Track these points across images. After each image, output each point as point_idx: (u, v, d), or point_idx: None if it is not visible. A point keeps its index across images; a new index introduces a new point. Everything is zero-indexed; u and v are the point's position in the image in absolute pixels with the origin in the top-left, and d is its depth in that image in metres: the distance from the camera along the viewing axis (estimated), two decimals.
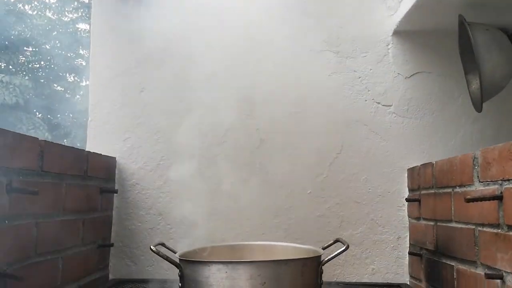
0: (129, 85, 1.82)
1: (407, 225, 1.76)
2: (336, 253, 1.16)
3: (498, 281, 1.04)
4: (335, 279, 1.75)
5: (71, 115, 9.59)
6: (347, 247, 1.17)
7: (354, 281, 1.74)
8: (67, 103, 9.48)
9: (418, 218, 1.64)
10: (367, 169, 1.79)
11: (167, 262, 1.15)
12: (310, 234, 1.75)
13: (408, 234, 1.75)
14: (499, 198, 1.04)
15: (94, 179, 1.54)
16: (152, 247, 1.15)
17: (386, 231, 1.77)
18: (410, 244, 1.74)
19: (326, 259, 1.16)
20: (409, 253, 1.69)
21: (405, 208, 1.77)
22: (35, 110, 9.16)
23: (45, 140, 1.20)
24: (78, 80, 10.03)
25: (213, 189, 1.76)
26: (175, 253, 1.24)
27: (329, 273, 1.75)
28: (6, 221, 1.03)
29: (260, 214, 1.77)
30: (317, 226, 1.77)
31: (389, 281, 1.74)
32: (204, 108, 1.79)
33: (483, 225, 1.13)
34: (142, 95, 1.82)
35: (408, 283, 1.72)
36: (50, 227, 1.24)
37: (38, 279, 1.17)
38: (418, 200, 1.62)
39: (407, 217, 1.77)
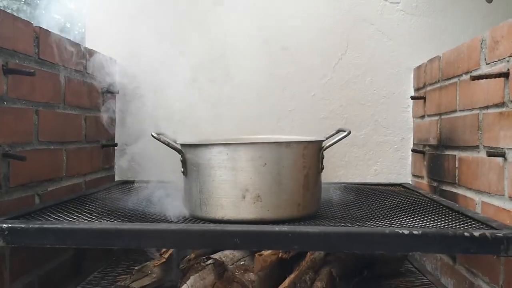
0: None
1: (411, 126, 1.75)
2: (337, 138, 1.15)
3: (500, 159, 1.03)
4: (338, 179, 1.77)
5: None
6: (349, 133, 1.15)
7: (356, 181, 1.76)
8: (67, 35, 9.29)
9: (422, 117, 1.62)
10: (373, 70, 1.76)
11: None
12: (313, 136, 1.75)
13: (411, 135, 1.75)
14: (505, 75, 1.01)
15: (94, 78, 1.52)
16: (153, 133, 1.15)
17: (390, 132, 1.77)
18: (413, 144, 1.73)
19: (328, 144, 1.15)
20: (412, 151, 1.69)
21: (410, 109, 1.75)
22: None
23: (40, 27, 1.17)
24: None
25: (216, 92, 1.74)
26: None
27: (332, 174, 1.77)
28: (5, 102, 1.03)
29: (263, 116, 1.75)
30: (320, 128, 1.75)
31: (391, 181, 1.75)
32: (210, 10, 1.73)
33: (487, 107, 1.11)
34: None
35: (411, 182, 1.74)
36: (51, 117, 1.24)
37: (42, 165, 1.19)
38: (423, 98, 1.59)
39: (411, 118, 1.75)
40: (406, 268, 1.54)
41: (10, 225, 0.89)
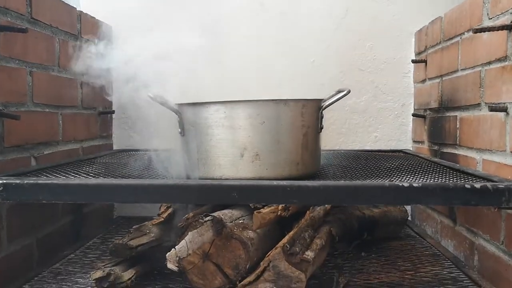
0: None
1: (412, 92, 1.73)
2: (337, 97, 1.14)
3: (502, 114, 1.02)
4: (338, 147, 1.76)
5: None
6: (348, 92, 1.14)
7: (356, 148, 1.75)
8: None
9: (423, 81, 1.60)
10: (373, 35, 1.73)
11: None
12: None
13: (412, 100, 1.73)
14: (509, 27, 0.99)
15: (89, 43, 1.49)
16: (149, 94, 1.13)
17: (390, 98, 1.75)
18: (414, 109, 1.71)
19: (327, 103, 1.14)
20: (413, 115, 1.67)
21: (411, 74, 1.73)
22: None
23: None
24: None
25: (214, 59, 1.71)
26: None
27: (332, 142, 1.76)
28: None
29: (261, 84, 1.73)
30: (319, 95, 1.72)
31: (392, 148, 1.74)
32: None
33: (490, 63, 1.08)
34: None
35: (411, 148, 1.73)
36: (45, 80, 1.22)
37: (36, 127, 1.17)
38: (425, 61, 1.57)
39: (412, 83, 1.73)
40: (406, 233, 1.53)
41: (5, 181, 0.87)
